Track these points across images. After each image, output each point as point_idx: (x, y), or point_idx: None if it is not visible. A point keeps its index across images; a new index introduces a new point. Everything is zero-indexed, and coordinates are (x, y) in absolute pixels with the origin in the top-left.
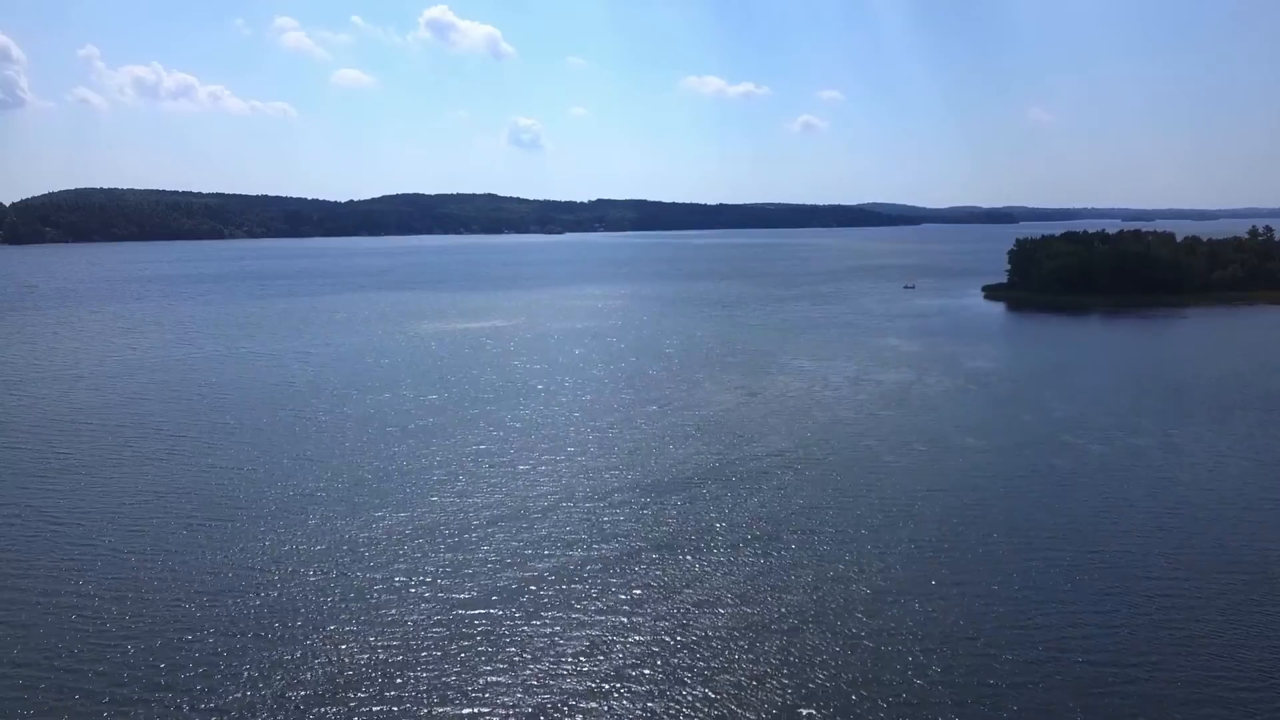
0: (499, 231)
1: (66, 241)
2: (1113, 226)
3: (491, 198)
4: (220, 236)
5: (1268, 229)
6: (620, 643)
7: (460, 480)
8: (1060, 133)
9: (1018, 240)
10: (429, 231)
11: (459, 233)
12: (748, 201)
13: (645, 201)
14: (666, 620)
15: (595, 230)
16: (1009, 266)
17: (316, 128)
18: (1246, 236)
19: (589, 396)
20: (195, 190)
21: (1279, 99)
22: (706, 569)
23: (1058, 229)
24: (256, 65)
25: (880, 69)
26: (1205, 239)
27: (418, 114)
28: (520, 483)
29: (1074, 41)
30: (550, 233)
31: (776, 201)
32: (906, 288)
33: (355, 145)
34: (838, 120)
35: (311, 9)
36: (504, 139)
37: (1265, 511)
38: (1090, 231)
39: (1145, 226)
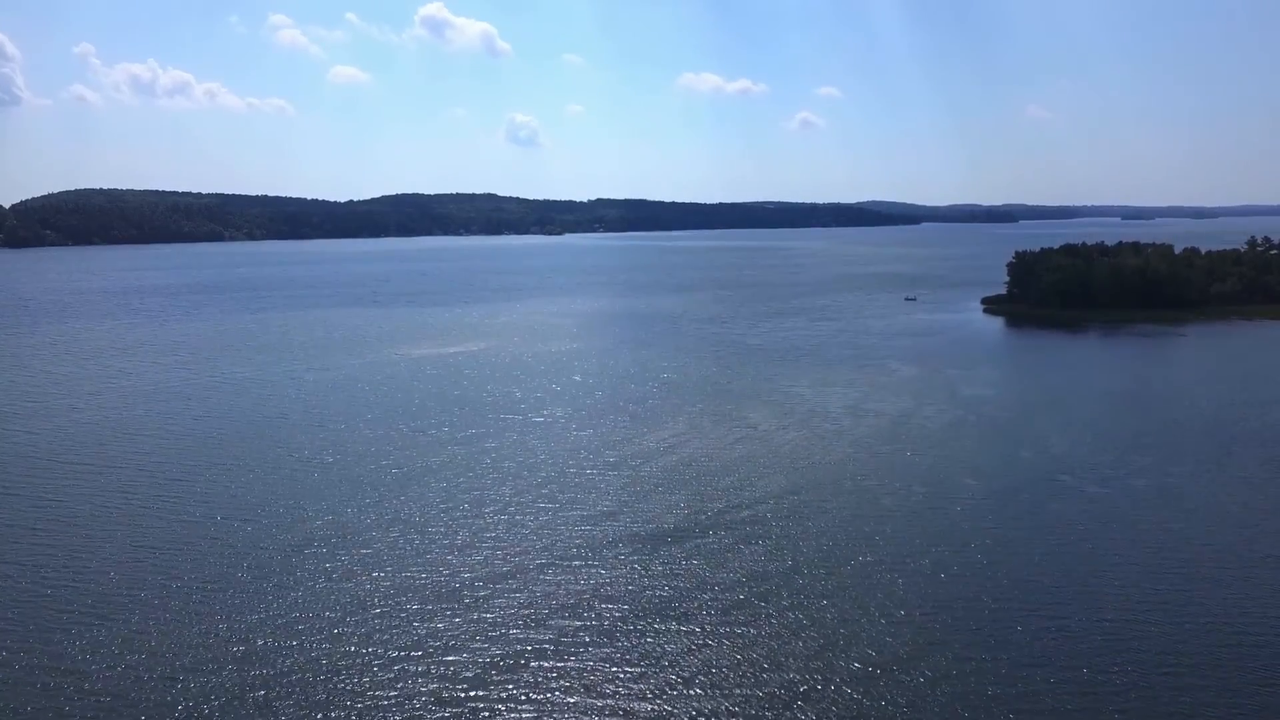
0: (499, 233)
1: (66, 245)
2: (1112, 224)
3: (491, 197)
4: (220, 239)
5: (1265, 239)
6: None
7: (443, 535)
8: (1059, 130)
9: (1017, 253)
10: (429, 233)
11: (459, 234)
12: (746, 200)
13: (644, 201)
14: (652, 702)
15: (595, 230)
16: (1008, 278)
17: (314, 125)
18: (1244, 249)
19: (570, 433)
20: (195, 190)
21: (1278, 98)
22: (695, 639)
23: (1057, 227)
24: (252, 63)
25: (878, 66)
26: (1204, 251)
27: (415, 111)
28: (502, 538)
29: (1072, 39)
30: (550, 234)
31: (775, 200)
32: (908, 299)
33: (354, 142)
34: (836, 118)
35: (305, 6)
36: (501, 136)
37: (1263, 569)
38: (1089, 244)
39: (1144, 224)
